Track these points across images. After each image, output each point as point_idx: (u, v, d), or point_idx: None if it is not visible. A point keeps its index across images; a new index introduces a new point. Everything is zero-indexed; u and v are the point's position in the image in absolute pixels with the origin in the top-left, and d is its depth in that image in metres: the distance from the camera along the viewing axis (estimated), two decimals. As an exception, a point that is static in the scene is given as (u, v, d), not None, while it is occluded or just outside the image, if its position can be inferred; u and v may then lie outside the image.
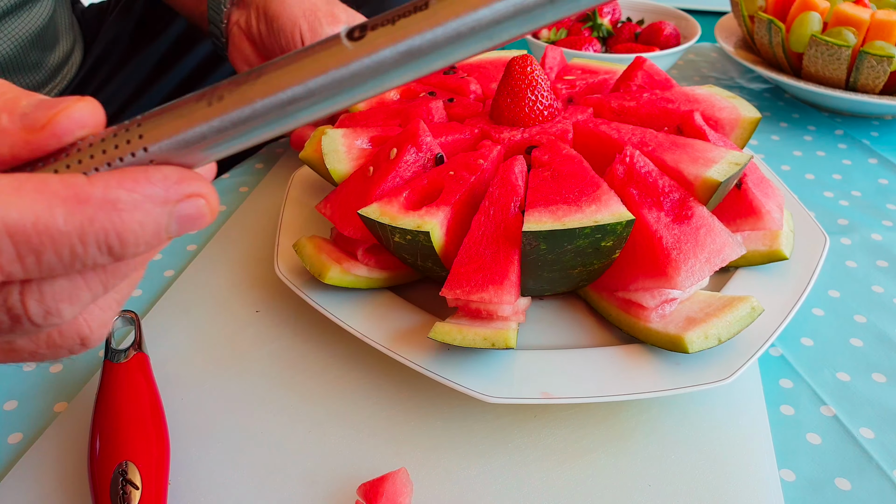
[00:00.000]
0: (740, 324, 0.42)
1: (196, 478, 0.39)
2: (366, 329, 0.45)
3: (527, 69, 0.50)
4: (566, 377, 0.41)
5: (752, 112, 0.53)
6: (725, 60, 0.95)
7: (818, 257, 0.50)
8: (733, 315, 0.42)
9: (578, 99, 0.58)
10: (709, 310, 0.43)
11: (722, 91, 0.55)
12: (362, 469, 0.39)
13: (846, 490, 0.39)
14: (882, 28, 0.71)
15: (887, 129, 0.77)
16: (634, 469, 0.39)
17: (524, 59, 0.51)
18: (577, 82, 0.60)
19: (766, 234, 0.49)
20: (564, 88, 0.59)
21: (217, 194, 0.24)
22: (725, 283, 0.49)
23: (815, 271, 0.48)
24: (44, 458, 0.40)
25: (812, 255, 0.50)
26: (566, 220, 0.40)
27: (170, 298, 0.52)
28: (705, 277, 0.43)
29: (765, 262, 0.49)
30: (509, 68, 0.51)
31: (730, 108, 0.53)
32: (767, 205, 0.48)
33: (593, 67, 0.64)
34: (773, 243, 0.49)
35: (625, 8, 0.94)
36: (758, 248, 0.49)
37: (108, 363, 0.41)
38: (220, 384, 0.45)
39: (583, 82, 0.60)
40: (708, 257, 0.42)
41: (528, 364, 0.43)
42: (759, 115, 0.53)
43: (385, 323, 0.45)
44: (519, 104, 0.51)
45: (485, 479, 0.39)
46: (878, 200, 0.65)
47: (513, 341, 0.41)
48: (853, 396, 0.45)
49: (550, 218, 0.41)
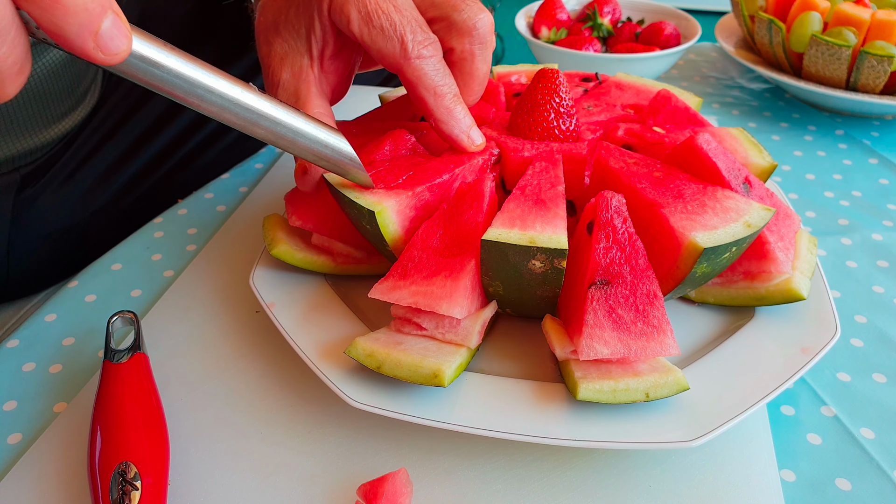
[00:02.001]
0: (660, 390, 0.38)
1: (196, 478, 0.39)
2: (299, 337, 0.43)
3: (549, 84, 0.48)
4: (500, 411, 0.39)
5: (766, 159, 0.49)
6: (725, 60, 0.95)
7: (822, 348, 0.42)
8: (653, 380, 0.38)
9: (608, 124, 0.54)
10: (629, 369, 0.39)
11: (747, 136, 0.51)
12: (362, 469, 0.39)
13: (846, 490, 0.39)
14: (882, 28, 0.71)
15: (888, 129, 0.77)
16: (634, 469, 0.39)
17: (550, 74, 0.48)
18: (616, 103, 0.57)
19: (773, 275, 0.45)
20: (596, 107, 0.55)
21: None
22: (735, 331, 0.44)
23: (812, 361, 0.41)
24: (44, 459, 0.40)
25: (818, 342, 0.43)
26: (507, 236, 0.39)
27: (170, 298, 0.52)
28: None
29: (780, 302, 0.44)
30: (534, 80, 0.49)
31: (742, 152, 0.50)
32: (777, 244, 0.44)
33: (637, 86, 0.61)
34: (782, 282, 0.44)
35: (625, 8, 0.94)
36: (767, 286, 0.44)
37: (108, 363, 0.41)
38: (220, 384, 0.45)
39: (619, 104, 0.57)
40: (623, 348, 0.38)
41: (476, 390, 0.40)
42: (774, 162, 0.49)
43: (321, 331, 0.44)
44: (532, 117, 0.49)
45: (485, 479, 0.39)
46: (879, 200, 0.65)
47: (446, 377, 0.38)
48: (853, 396, 0.45)
49: (500, 229, 0.40)
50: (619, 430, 0.37)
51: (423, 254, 0.42)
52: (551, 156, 0.47)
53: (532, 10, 0.93)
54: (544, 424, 0.38)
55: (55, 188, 0.70)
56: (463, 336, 0.40)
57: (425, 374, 0.38)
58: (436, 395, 0.39)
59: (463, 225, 0.42)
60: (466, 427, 0.37)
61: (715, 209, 0.41)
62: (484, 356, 0.44)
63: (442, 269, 0.41)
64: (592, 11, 0.90)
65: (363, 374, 0.40)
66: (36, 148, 0.67)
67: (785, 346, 0.42)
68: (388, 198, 0.42)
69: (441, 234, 0.43)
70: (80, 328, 0.51)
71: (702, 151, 0.44)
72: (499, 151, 0.49)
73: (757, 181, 0.46)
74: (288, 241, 0.49)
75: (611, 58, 0.81)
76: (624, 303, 0.39)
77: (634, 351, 0.38)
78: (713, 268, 0.40)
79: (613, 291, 0.39)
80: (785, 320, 0.44)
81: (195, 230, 0.61)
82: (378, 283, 0.42)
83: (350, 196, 0.42)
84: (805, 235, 0.48)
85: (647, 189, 0.43)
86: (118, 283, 0.55)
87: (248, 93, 0.34)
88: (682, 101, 0.54)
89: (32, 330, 0.51)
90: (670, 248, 0.40)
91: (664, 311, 0.39)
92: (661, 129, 0.50)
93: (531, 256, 0.38)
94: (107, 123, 0.75)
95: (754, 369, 0.41)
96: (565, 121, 0.49)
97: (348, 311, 0.46)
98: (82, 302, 0.53)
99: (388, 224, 0.42)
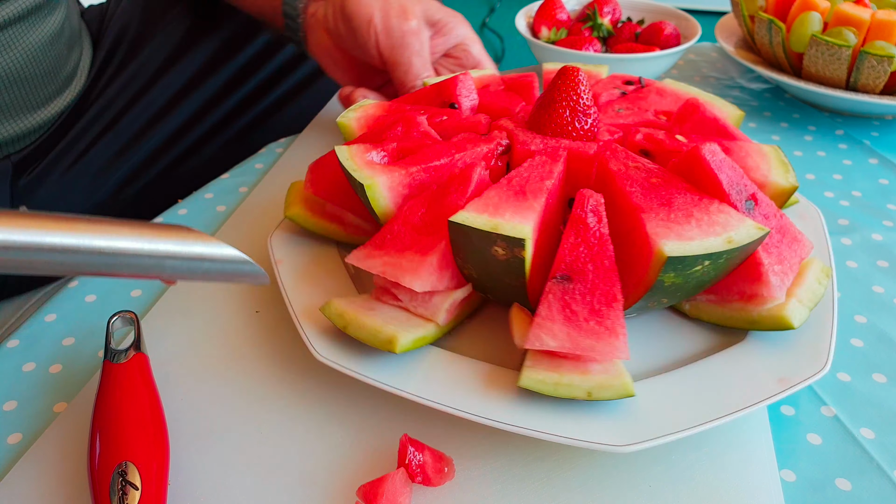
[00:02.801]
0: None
1: (196, 478, 0.39)
2: (293, 294, 0.46)
3: (568, 81, 0.48)
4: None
5: (788, 180, 0.47)
6: (725, 60, 0.95)
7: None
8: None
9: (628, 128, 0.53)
10: None
11: (779, 155, 0.50)
12: (362, 469, 0.39)
13: (846, 490, 0.39)
14: (882, 28, 0.71)
15: (888, 130, 0.77)
16: (634, 469, 0.39)
17: (570, 72, 0.48)
18: (647, 106, 0.56)
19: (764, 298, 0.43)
20: (628, 110, 0.55)
21: None
22: (720, 350, 0.43)
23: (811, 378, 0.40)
24: (44, 459, 0.40)
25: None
26: (472, 220, 0.39)
27: (170, 298, 0.52)
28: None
29: (770, 328, 0.42)
30: (555, 77, 0.49)
31: (765, 169, 0.48)
32: (772, 267, 0.41)
33: (679, 93, 0.58)
34: (774, 308, 0.42)
35: (625, 8, 0.94)
36: (759, 310, 0.43)
37: (108, 363, 0.41)
38: (220, 384, 0.45)
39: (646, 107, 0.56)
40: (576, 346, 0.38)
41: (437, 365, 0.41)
42: (797, 184, 0.47)
43: (315, 290, 0.46)
44: (547, 113, 0.49)
45: (485, 479, 0.39)
46: (879, 200, 0.65)
47: (399, 344, 0.39)
48: (853, 396, 0.45)
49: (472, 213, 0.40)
50: (557, 423, 0.38)
51: (403, 228, 0.44)
52: (556, 152, 0.47)
53: (532, 10, 0.93)
54: (485, 405, 0.39)
55: (55, 180, 0.70)
56: (432, 312, 0.42)
57: (381, 339, 0.40)
58: (394, 362, 0.41)
59: (444, 206, 0.43)
60: (408, 394, 0.39)
61: (700, 221, 0.40)
62: (459, 336, 0.45)
63: (415, 244, 0.42)
64: (592, 11, 0.90)
65: (336, 336, 0.43)
66: (23, 134, 0.67)
67: (762, 374, 0.40)
68: (381, 174, 0.44)
69: (423, 212, 0.44)
70: (80, 328, 0.51)
71: (705, 162, 0.43)
72: (507, 143, 0.49)
73: (767, 201, 0.45)
74: (303, 207, 0.52)
75: (611, 58, 0.81)
76: (580, 300, 0.39)
77: (582, 348, 0.38)
78: (684, 279, 0.39)
79: (572, 287, 0.40)
80: (774, 347, 0.42)
81: (195, 230, 0.60)
82: (356, 249, 0.44)
83: (348, 168, 0.45)
84: (817, 264, 0.46)
85: (635, 193, 0.42)
86: (118, 283, 0.55)
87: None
88: (711, 112, 0.52)
89: (32, 330, 0.51)
90: (643, 254, 0.39)
91: (621, 315, 0.39)
92: (684, 138, 0.50)
93: (492, 242, 0.39)
94: (105, 115, 0.75)
95: (720, 391, 0.39)
96: (580, 119, 0.49)
97: (346, 277, 0.49)
98: (82, 302, 0.53)
99: (378, 198, 0.44)
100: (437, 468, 0.38)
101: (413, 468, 0.37)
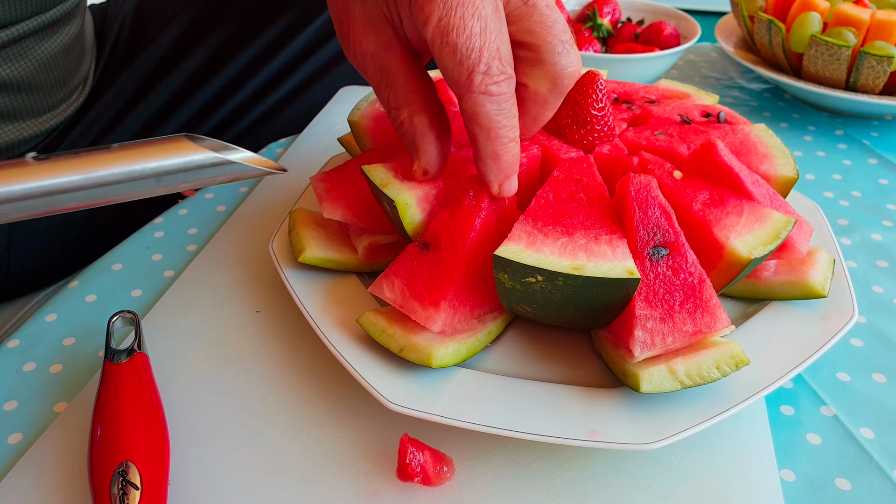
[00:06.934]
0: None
1: (196, 478, 0.39)
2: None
3: (579, 88, 0.48)
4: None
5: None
6: (725, 60, 0.95)
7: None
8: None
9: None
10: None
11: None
12: (362, 469, 0.39)
13: (846, 490, 0.39)
14: (882, 28, 0.71)
15: (887, 130, 0.77)
16: (634, 469, 0.39)
17: (588, 77, 0.48)
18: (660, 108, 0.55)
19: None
20: (666, 136, 0.52)
21: None
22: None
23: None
24: (44, 459, 0.40)
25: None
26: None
27: (170, 298, 0.52)
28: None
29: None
30: (577, 82, 0.48)
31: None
32: (646, 322, 0.39)
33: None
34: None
35: (625, 8, 0.94)
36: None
37: (108, 363, 0.41)
38: (220, 384, 0.45)
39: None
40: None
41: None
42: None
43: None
44: (571, 118, 0.49)
45: (485, 479, 0.39)
46: (878, 200, 0.65)
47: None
48: (853, 396, 0.45)
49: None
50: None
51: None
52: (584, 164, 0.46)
53: (532, 11, 0.93)
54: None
55: None
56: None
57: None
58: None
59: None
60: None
61: (573, 244, 0.40)
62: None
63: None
64: (592, 12, 0.90)
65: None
66: (31, 137, 0.67)
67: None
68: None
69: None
70: (80, 328, 0.51)
71: (628, 194, 0.42)
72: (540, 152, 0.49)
73: (693, 260, 0.43)
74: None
75: (610, 58, 0.81)
76: (426, 266, 0.42)
77: (408, 308, 0.41)
78: (523, 287, 0.40)
79: (427, 254, 0.42)
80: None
81: (195, 230, 0.61)
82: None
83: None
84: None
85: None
86: (118, 283, 0.55)
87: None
88: (726, 162, 0.45)
89: (33, 330, 0.51)
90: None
91: (456, 292, 0.41)
92: (679, 173, 0.47)
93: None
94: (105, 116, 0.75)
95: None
96: (585, 127, 0.49)
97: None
98: (82, 302, 0.53)
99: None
100: (437, 468, 0.38)
101: (413, 468, 0.37)
